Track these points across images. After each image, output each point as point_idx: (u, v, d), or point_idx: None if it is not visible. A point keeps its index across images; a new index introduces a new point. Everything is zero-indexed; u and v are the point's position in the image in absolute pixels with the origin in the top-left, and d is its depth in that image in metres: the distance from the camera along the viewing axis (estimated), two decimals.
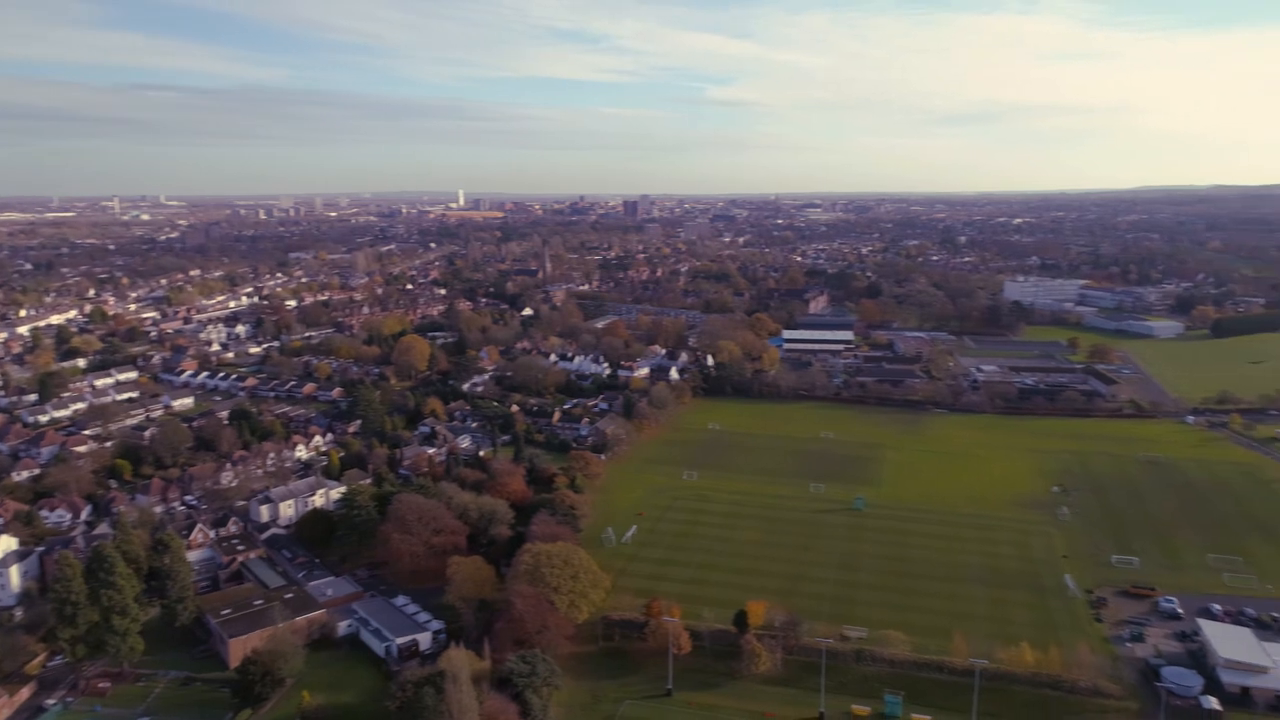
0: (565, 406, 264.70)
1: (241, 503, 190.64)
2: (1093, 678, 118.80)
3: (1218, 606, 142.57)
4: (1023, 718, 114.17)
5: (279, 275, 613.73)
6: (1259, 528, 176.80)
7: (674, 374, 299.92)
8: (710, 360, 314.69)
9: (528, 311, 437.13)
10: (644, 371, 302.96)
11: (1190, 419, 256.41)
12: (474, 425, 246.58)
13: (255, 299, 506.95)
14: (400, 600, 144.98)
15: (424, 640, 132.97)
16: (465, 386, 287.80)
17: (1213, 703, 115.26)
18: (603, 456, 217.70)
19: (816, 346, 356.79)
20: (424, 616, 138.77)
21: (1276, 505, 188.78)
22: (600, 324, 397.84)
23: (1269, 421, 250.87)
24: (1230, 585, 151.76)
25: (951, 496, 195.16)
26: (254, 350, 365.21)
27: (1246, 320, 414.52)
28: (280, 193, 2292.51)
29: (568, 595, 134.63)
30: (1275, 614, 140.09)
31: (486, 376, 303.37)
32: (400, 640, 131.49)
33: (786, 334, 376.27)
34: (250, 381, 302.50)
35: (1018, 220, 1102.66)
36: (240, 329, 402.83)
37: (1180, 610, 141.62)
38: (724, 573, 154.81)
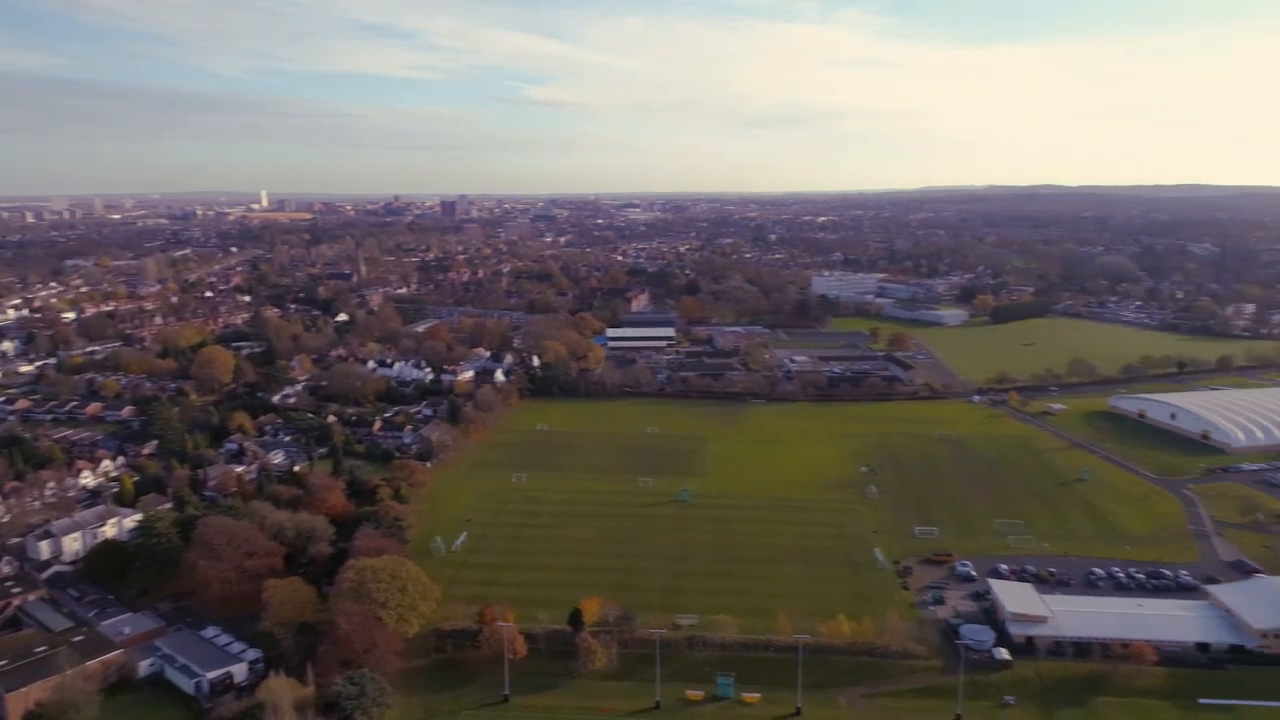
0: (386, 414, 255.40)
1: (16, 539, 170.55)
2: (902, 641, 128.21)
3: (1004, 566, 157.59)
4: (843, 685, 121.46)
5: (53, 285, 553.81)
6: (1035, 493, 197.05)
7: (499, 376, 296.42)
8: (536, 361, 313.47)
9: (342, 317, 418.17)
10: (468, 375, 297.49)
11: (976, 398, 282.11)
12: (287, 439, 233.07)
13: (25, 312, 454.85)
14: (210, 632, 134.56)
15: (239, 672, 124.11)
16: (276, 399, 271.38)
17: (1003, 653, 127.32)
18: (428, 464, 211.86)
19: (640, 344, 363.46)
20: (238, 647, 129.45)
21: (1048, 473, 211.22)
22: (421, 327, 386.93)
23: (1040, 397, 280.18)
24: (1014, 547, 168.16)
25: (771, 482, 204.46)
26: (25, 369, 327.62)
27: (1019, 307, 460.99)
28: (52, 193, 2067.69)
29: (396, 610, 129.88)
30: (1051, 569, 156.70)
31: (299, 387, 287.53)
32: (211, 674, 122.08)
33: (610, 332, 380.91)
34: (22, 404, 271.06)
35: (822, 219, 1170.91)
36: (7, 346, 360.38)
37: (974, 573, 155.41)
38: (557, 573, 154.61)
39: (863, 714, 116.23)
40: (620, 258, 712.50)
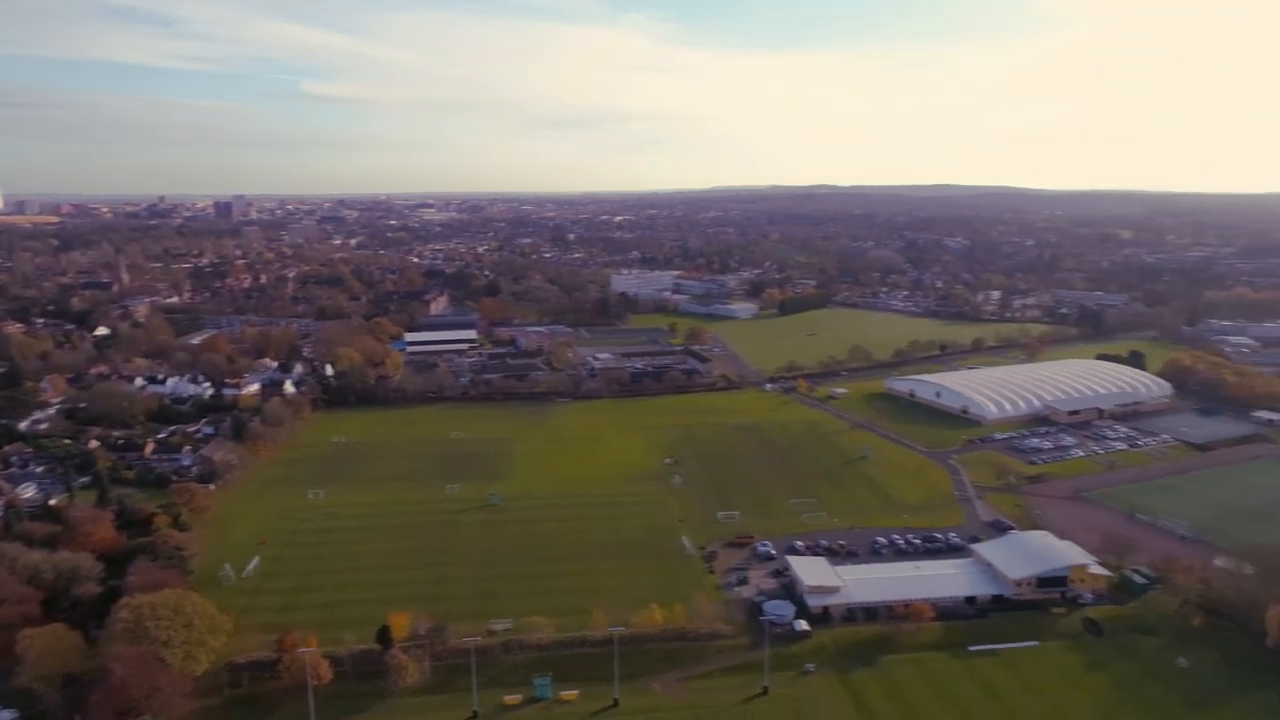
0: (160, 435, 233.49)
1: None
2: (711, 624, 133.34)
3: (800, 543, 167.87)
4: (658, 672, 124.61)
5: None
6: (824, 473, 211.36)
7: (289, 388, 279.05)
8: (329, 370, 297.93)
9: (102, 331, 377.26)
10: (254, 388, 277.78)
11: (768, 386, 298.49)
12: (40, 470, 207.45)
13: None
14: None
15: None
16: (24, 425, 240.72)
17: (803, 625, 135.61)
18: (212, 486, 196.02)
19: (440, 347, 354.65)
20: None
21: (835, 453, 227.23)
22: (197, 339, 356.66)
23: (826, 382, 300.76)
24: (808, 524, 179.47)
25: (579, 480, 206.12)
26: None
27: (803, 299, 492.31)
28: None
29: (181, 648, 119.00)
30: (842, 542, 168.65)
31: (52, 411, 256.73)
32: None
33: (409, 336, 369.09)
34: None
35: (619, 218, 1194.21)
36: None
37: (773, 551, 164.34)
38: (363, 590, 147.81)
39: (677, 697, 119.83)
40: (416, 259, 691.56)
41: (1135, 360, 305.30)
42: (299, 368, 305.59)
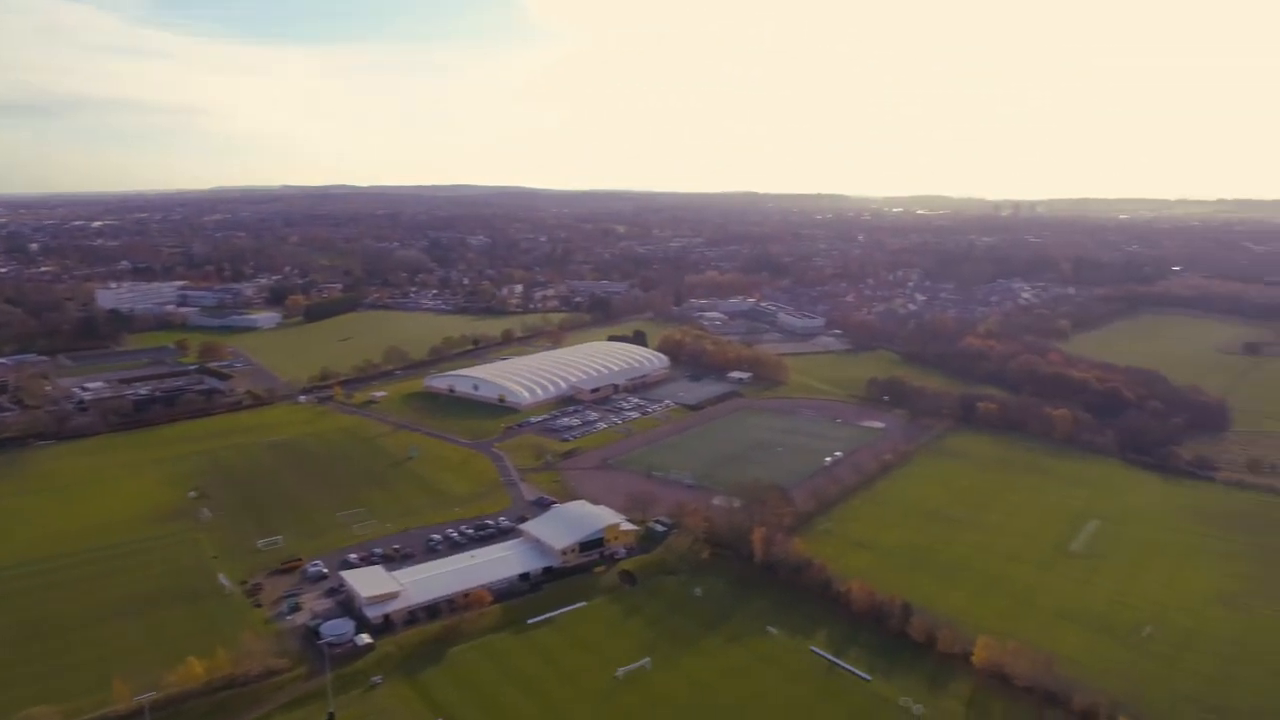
0: None
1: None
2: (263, 662, 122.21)
3: (354, 555, 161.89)
4: None
5: None
6: (372, 479, 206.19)
7: None
8: None
9: None
10: None
11: (302, 398, 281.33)
12: None
13: None
14: None
15: None
16: None
17: (365, 639, 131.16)
18: None
19: None
20: None
21: (381, 456, 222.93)
22: None
23: (363, 387, 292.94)
24: (360, 534, 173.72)
25: (82, 534, 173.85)
26: None
27: (331, 304, 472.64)
28: None
29: None
30: (396, 546, 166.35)
31: None
32: None
33: None
34: None
35: (98, 223, 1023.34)
36: None
37: (325, 570, 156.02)
38: None
39: None
40: None
41: (639, 339, 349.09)
42: None
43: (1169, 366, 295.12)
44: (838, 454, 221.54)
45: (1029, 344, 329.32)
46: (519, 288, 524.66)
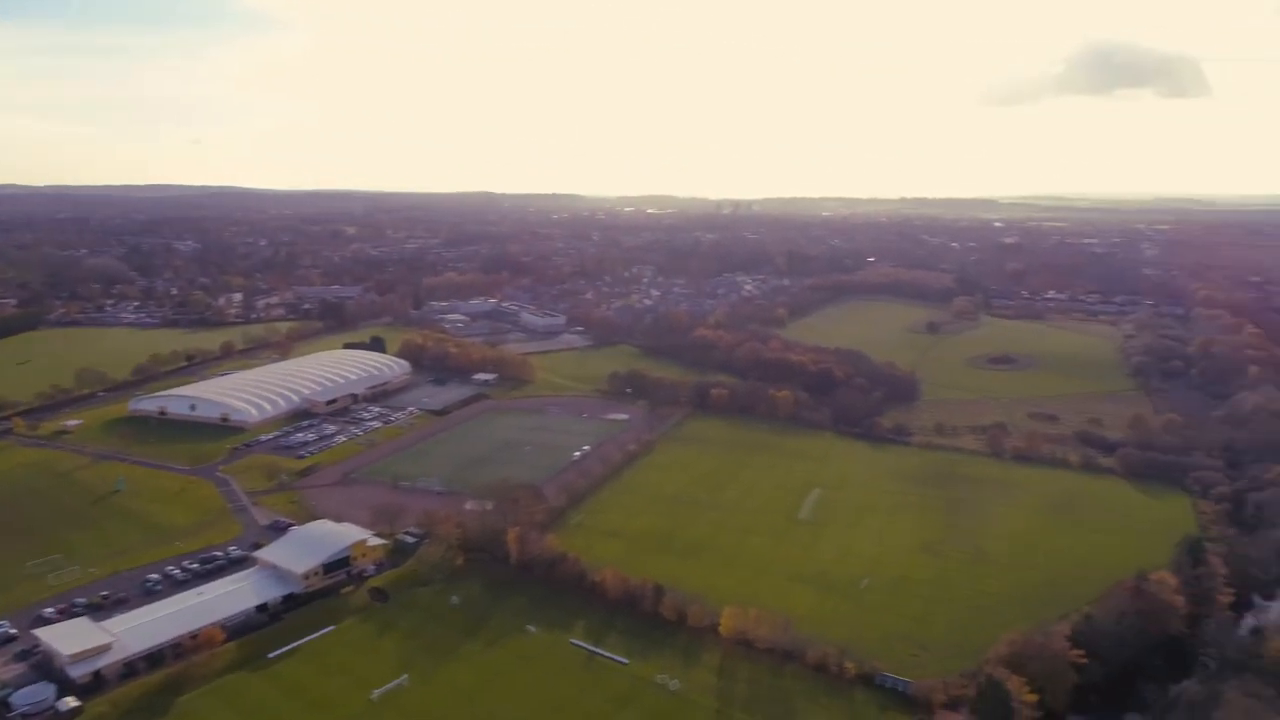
0: None
1: None
2: None
3: (51, 610, 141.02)
4: None
5: None
6: (70, 519, 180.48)
7: None
8: None
9: None
10: None
11: None
12: None
13: None
14: None
15: None
16: None
17: (69, 703, 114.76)
18: None
19: None
20: None
21: (80, 493, 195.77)
22: None
23: (52, 416, 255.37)
24: (57, 584, 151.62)
25: None
26: None
27: (4, 322, 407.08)
28: None
29: None
30: (105, 593, 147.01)
31: None
32: None
33: None
34: None
35: None
36: None
37: (14, 631, 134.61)
38: None
39: None
40: None
41: (377, 345, 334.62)
42: None
43: (869, 346, 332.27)
44: (585, 448, 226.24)
45: (753, 333, 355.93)
46: (238, 296, 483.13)
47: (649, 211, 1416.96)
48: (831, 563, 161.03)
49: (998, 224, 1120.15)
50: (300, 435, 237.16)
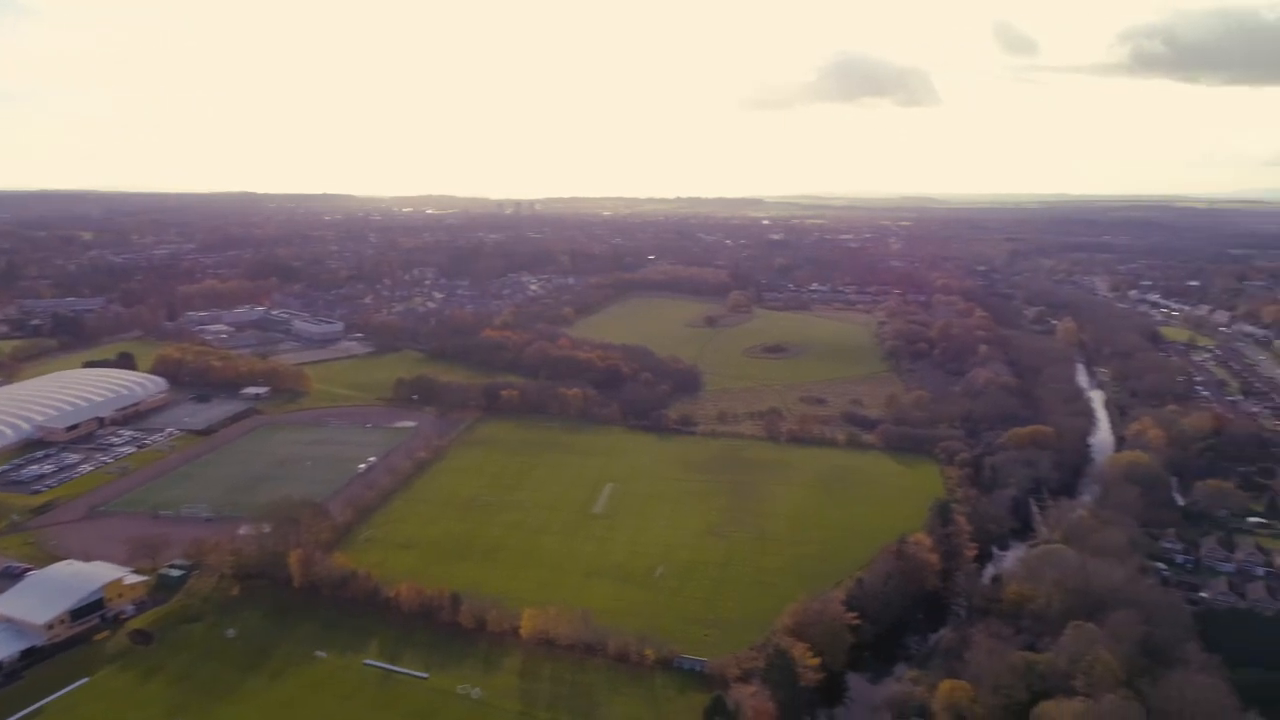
0: None
1: None
2: None
3: None
4: None
5: None
6: None
7: None
8: None
9: None
10: None
11: None
12: None
13: None
14: None
15: None
16: None
17: None
18: None
19: None
20: None
21: None
22: None
23: None
24: None
25: None
26: None
27: None
28: None
29: None
30: None
31: None
32: None
33: None
34: None
35: None
36: None
37: None
38: None
39: None
40: None
41: (126, 362, 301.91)
42: None
43: (654, 342, 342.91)
44: (371, 459, 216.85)
45: (541, 332, 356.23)
46: None
47: (429, 212, 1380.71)
48: (627, 554, 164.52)
49: (765, 221, 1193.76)
50: (34, 468, 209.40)
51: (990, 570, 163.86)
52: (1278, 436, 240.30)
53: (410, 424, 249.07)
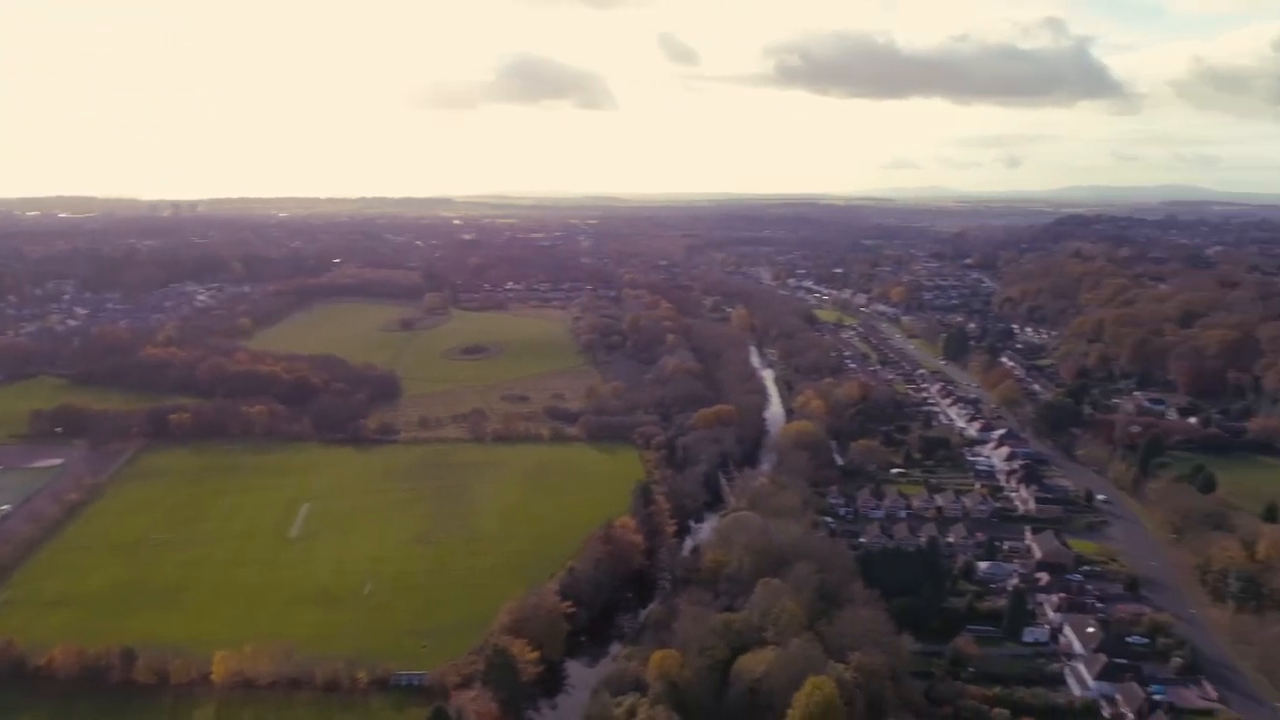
0: None
1: None
2: None
3: None
4: None
5: None
6: None
7: None
8: None
9: None
10: None
11: None
12: None
13: None
14: None
15: None
16: None
17: None
18: None
19: None
20: None
21: None
22: None
23: None
24: None
25: None
26: None
27: None
28: None
29: None
30: None
31: None
32: None
33: None
34: None
35: None
36: None
37: None
38: None
39: None
40: None
41: None
42: None
43: (345, 349, 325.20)
44: (5, 507, 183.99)
45: (214, 346, 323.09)
46: None
47: (61, 215, 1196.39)
48: (331, 575, 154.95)
49: (456, 221, 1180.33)
50: None
51: (689, 542, 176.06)
52: (908, 399, 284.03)
53: (55, 462, 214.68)
